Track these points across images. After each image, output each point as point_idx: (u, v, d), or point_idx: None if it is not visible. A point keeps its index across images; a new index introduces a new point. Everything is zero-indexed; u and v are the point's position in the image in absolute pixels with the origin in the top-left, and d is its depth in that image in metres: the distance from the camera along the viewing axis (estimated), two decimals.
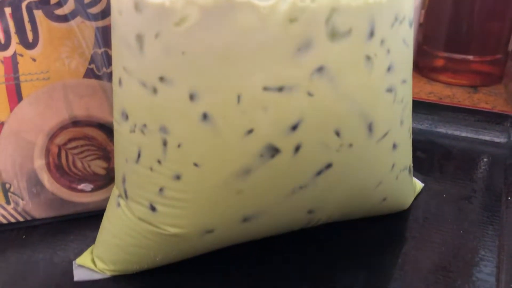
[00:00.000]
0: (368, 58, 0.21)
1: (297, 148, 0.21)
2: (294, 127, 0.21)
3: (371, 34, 0.20)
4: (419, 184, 0.32)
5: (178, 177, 0.22)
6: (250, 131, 0.21)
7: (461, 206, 0.31)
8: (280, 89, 0.20)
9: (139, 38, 0.21)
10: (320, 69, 0.20)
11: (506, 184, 0.33)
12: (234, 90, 0.20)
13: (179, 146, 0.21)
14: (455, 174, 0.34)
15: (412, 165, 0.28)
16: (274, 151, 0.21)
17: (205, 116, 0.20)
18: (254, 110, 0.20)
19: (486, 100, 0.47)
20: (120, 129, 0.24)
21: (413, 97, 0.44)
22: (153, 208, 0.23)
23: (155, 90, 0.21)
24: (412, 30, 0.24)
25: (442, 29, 0.51)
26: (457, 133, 0.39)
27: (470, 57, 0.50)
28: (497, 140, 0.38)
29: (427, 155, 0.37)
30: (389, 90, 0.22)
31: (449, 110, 0.41)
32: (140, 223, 0.24)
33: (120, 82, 0.23)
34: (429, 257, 0.27)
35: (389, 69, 0.22)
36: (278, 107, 0.20)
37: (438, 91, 0.49)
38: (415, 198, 0.32)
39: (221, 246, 0.25)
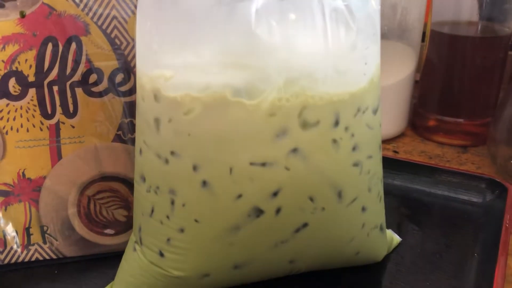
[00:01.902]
0: (334, 141, 0.26)
1: (278, 210, 0.27)
2: (275, 194, 0.26)
3: (336, 123, 0.26)
4: (396, 238, 0.37)
5: (182, 230, 0.27)
6: (240, 196, 0.26)
7: (432, 260, 0.35)
8: (263, 164, 0.25)
9: (157, 121, 0.27)
10: (294, 150, 0.25)
11: (475, 241, 0.37)
12: (227, 164, 0.25)
13: (183, 205, 0.27)
14: (431, 230, 0.39)
15: (384, 223, 0.33)
16: (259, 212, 0.26)
17: (204, 183, 0.26)
18: (243, 180, 0.26)
19: (473, 160, 0.52)
20: (139, 189, 0.29)
21: (403, 158, 0.49)
22: (161, 254, 0.28)
23: (167, 161, 0.27)
24: (377, 115, 0.29)
25: (435, 94, 0.56)
26: (439, 192, 0.44)
27: (461, 120, 0.55)
28: (474, 199, 0.43)
29: (409, 212, 0.42)
30: (355, 164, 0.28)
31: (433, 171, 0.45)
32: (151, 266, 0.29)
33: (140, 151, 0.29)
34: None
35: (354, 148, 0.27)
36: (262, 178, 0.26)
37: (430, 150, 0.54)
38: (392, 251, 0.36)
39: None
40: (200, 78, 0.25)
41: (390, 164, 0.46)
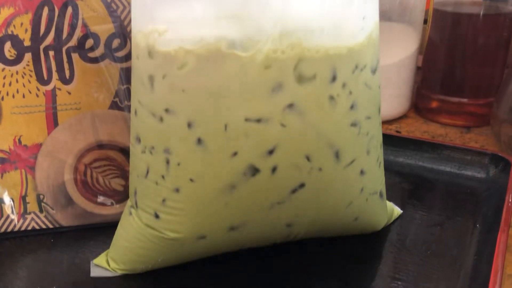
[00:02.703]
0: (331, 97, 0.26)
1: (274, 169, 0.26)
2: (271, 152, 0.26)
3: (333, 78, 0.25)
4: (397, 210, 0.36)
5: (177, 190, 0.27)
6: (235, 154, 0.26)
7: (432, 231, 0.35)
8: (259, 120, 0.25)
9: (151, 78, 0.26)
10: (290, 106, 0.25)
11: (477, 214, 0.36)
12: (222, 121, 0.25)
13: (178, 164, 0.26)
14: (433, 203, 0.38)
15: (384, 190, 0.33)
16: (254, 170, 0.26)
17: (199, 141, 0.26)
18: (238, 137, 0.25)
19: (476, 139, 0.51)
20: (134, 150, 0.29)
21: (405, 135, 0.48)
22: (157, 216, 0.28)
23: (161, 119, 0.26)
24: (376, 75, 0.28)
25: (438, 74, 0.55)
26: (441, 168, 0.43)
27: (465, 100, 0.54)
28: (477, 175, 0.42)
29: (412, 187, 0.41)
30: (353, 124, 0.27)
31: (436, 147, 0.44)
32: (146, 228, 0.29)
33: (135, 112, 0.28)
34: (397, 271, 0.31)
35: (352, 107, 0.27)
36: (257, 135, 0.25)
37: (433, 130, 0.53)
38: (392, 223, 0.36)
39: (213, 252, 0.30)
40: (193, 31, 0.24)
41: (392, 141, 0.46)
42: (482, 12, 0.51)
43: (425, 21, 0.55)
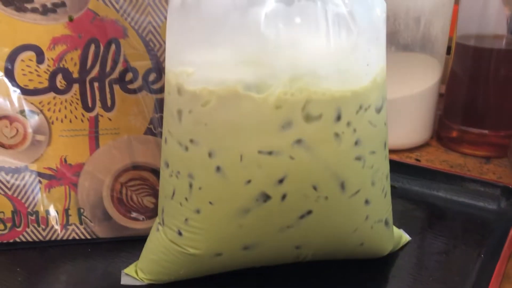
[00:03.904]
0: (336, 135, 0.29)
1: (283, 196, 0.29)
2: (281, 181, 0.29)
3: (338, 118, 0.28)
4: (405, 237, 0.39)
5: (198, 211, 0.30)
6: (249, 181, 0.29)
7: (438, 259, 0.37)
8: (270, 153, 0.28)
9: (179, 112, 0.30)
10: (298, 141, 0.28)
11: (483, 244, 0.38)
12: (238, 152, 0.28)
13: (200, 188, 0.30)
14: (441, 232, 0.40)
15: (390, 218, 0.35)
16: (266, 197, 0.29)
17: (218, 169, 0.29)
18: (252, 167, 0.29)
19: (494, 170, 0.52)
20: (163, 174, 0.33)
21: (422, 165, 0.50)
22: (180, 233, 0.32)
23: (186, 148, 0.30)
24: (381, 114, 0.31)
25: (460, 105, 0.57)
26: (454, 198, 0.45)
27: (486, 131, 0.56)
28: (489, 206, 0.44)
29: (423, 215, 0.43)
30: (358, 158, 0.30)
31: (450, 178, 0.46)
32: (171, 244, 0.32)
33: (165, 140, 0.32)
34: None
35: (356, 143, 0.30)
36: (269, 166, 0.28)
37: (452, 160, 0.55)
38: (400, 249, 0.38)
39: (229, 268, 0.33)
40: (216, 74, 0.28)
41: (409, 170, 0.48)
42: (504, 47, 0.53)
43: (449, 49, 0.57)
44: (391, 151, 0.56)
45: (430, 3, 0.51)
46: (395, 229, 0.37)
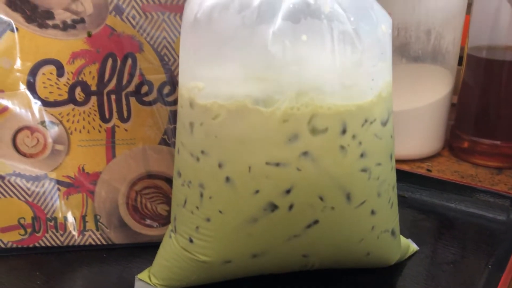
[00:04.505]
0: (342, 147, 0.30)
1: (290, 206, 0.30)
2: (288, 191, 0.30)
3: (344, 131, 0.29)
4: (413, 247, 0.39)
5: (208, 220, 0.32)
6: (257, 192, 0.30)
7: (445, 269, 0.37)
8: (277, 164, 0.29)
9: (191, 124, 0.31)
10: (305, 153, 0.29)
11: (491, 255, 0.39)
12: (247, 163, 0.30)
13: (210, 198, 0.31)
14: (450, 242, 0.41)
15: (396, 229, 0.36)
16: (274, 207, 0.30)
17: (228, 179, 0.30)
18: (260, 177, 0.30)
19: (506, 181, 0.52)
20: (176, 183, 0.34)
21: (433, 175, 0.51)
22: (191, 241, 0.33)
23: (198, 159, 0.31)
24: (387, 127, 0.32)
25: (471, 116, 0.57)
26: (464, 208, 0.46)
27: (497, 142, 0.56)
28: (498, 217, 0.44)
29: (433, 225, 0.44)
30: (363, 170, 0.31)
31: (461, 189, 0.47)
32: (182, 251, 0.33)
33: (178, 151, 0.33)
34: None
35: (361, 155, 0.30)
36: (276, 177, 0.30)
37: (463, 171, 0.55)
38: (407, 258, 0.39)
39: (238, 275, 0.34)
40: (225, 89, 0.29)
41: (419, 180, 0.49)
42: None
43: (461, 59, 0.58)
44: (403, 161, 0.56)
45: (441, 16, 0.52)
46: (402, 238, 0.38)
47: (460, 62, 0.57)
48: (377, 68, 0.30)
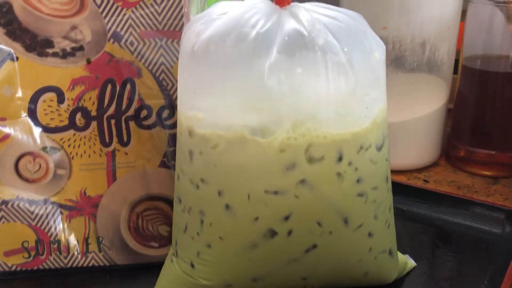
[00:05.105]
0: (338, 174, 0.30)
1: (289, 232, 0.31)
2: (287, 218, 0.31)
3: (340, 159, 0.30)
4: (410, 263, 0.40)
5: (209, 246, 0.32)
6: (257, 218, 0.31)
7: (442, 285, 0.38)
8: (276, 192, 0.30)
9: (191, 153, 0.32)
10: (302, 181, 0.30)
11: (487, 270, 0.39)
12: (246, 191, 0.30)
13: (210, 224, 0.32)
14: (447, 257, 0.42)
15: (394, 248, 0.36)
16: (273, 233, 0.31)
17: (227, 206, 0.31)
18: (259, 205, 0.30)
19: (502, 191, 0.53)
20: (176, 208, 0.35)
21: (429, 188, 0.51)
22: (192, 265, 0.33)
23: (197, 187, 0.32)
24: (382, 151, 0.33)
25: (467, 126, 0.58)
26: (460, 221, 0.46)
27: (493, 152, 0.56)
28: (494, 230, 0.45)
29: (429, 239, 0.45)
30: (360, 195, 0.32)
31: (457, 202, 0.48)
32: (184, 275, 0.34)
33: (178, 177, 0.34)
34: None
35: (358, 181, 0.31)
36: (275, 204, 0.30)
37: (460, 181, 0.56)
38: (406, 275, 0.39)
39: None
40: (224, 119, 0.30)
41: (416, 193, 0.49)
42: (510, 69, 0.54)
43: (457, 64, 0.58)
44: (400, 172, 0.57)
45: (435, 28, 0.52)
46: (400, 255, 0.39)
47: (455, 70, 0.58)
48: (371, 96, 0.30)
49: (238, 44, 0.29)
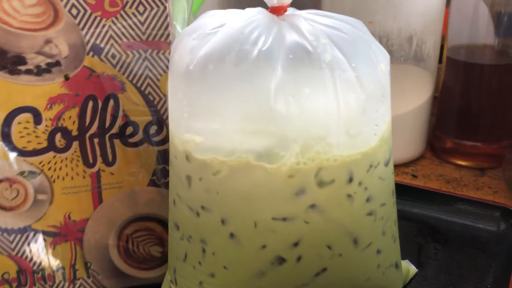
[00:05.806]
0: (349, 195, 0.29)
1: (299, 258, 0.29)
2: (296, 244, 0.29)
3: (350, 180, 0.28)
4: (412, 270, 0.39)
5: (212, 275, 0.30)
6: (264, 246, 0.29)
7: None
8: (284, 219, 0.28)
9: (188, 178, 0.30)
10: (312, 206, 0.28)
11: (488, 272, 0.39)
12: (252, 219, 0.28)
13: (213, 253, 0.30)
14: (446, 260, 0.41)
15: (399, 260, 0.35)
16: (281, 260, 0.29)
17: (232, 235, 0.29)
18: (266, 233, 0.29)
19: (490, 184, 0.53)
20: (173, 235, 0.32)
21: (421, 186, 0.51)
22: None
23: (198, 214, 0.30)
24: (389, 165, 0.31)
25: (452, 118, 0.57)
26: (454, 219, 0.46)
27: (479, 144, 0.56)
28: (489, 228, 0.45)
29: (426, 241, 0.44)
30: (369, 214, 0.30)
31: (449, 199, 0.47)
32: None
33: (174, 202, 0.32)
34: None
35: (367, 200, 0.30)
36: (283, 231, 0.28)
37: (447, 174, 0.56)
38: (409, 282, 0.39)
39: None
40: (226, 144, 0.27)
41: (408, 192, 0.49)
42: (494, 61, 0.54)
43: (441, 57, 0.57)
44: None
45: (421, 21, 0.51)
46: (402, 263, 0.38)
47: (440, 60, 0.57)
48: (379, 113, 0.29)
49: (239, 64, 0.26)
